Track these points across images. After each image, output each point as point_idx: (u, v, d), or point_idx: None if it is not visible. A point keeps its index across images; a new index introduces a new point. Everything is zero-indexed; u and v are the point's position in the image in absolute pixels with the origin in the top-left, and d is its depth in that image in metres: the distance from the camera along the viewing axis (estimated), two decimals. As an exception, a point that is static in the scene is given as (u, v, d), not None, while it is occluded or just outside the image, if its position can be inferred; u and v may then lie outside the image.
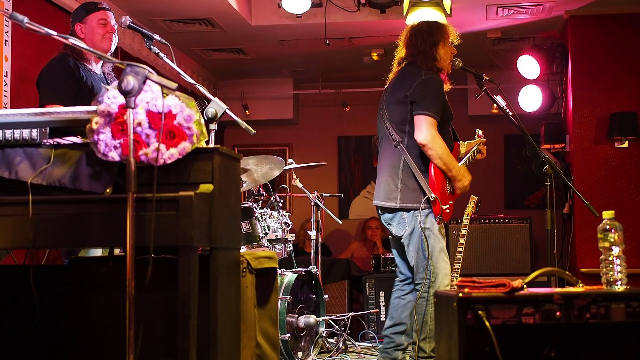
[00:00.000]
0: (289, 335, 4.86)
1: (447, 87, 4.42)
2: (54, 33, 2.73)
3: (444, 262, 4.27)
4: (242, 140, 9.38)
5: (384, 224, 4.45)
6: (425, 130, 4.19)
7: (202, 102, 4.28)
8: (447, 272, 4.29)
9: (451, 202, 4.35)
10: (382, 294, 6.70)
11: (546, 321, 2.75)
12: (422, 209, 4.21)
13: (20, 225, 2.70)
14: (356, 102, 9.23)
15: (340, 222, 6.60)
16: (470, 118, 8.90)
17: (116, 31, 4.21)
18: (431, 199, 4.18)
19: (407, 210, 4.26)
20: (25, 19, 2.64)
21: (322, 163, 6.25)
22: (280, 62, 8.59)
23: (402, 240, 4.34)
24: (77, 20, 4.20)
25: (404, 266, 4.49)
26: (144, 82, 2.52)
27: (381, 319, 6.59)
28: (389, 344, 4.44)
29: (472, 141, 4.77)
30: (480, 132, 4.80)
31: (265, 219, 5.15)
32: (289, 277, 5.07)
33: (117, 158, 2.72)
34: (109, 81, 4.25)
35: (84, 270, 3.36)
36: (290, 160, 5.90)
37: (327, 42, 6.90)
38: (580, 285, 2.96)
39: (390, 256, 6.78)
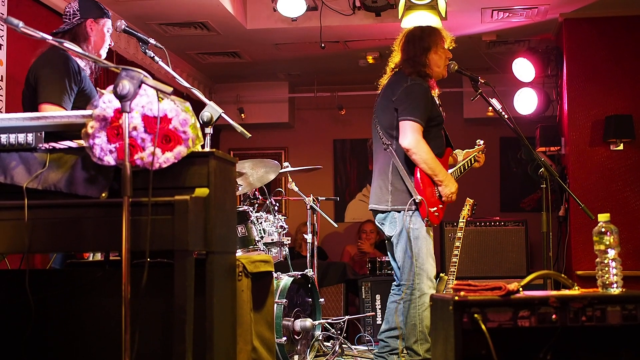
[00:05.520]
0: (285, 338, 4.86)
1: (435, 92, 4.46)
2: (49, 37, 2.72)
3: (430, 265, 4.30)
4: (237, 143, 9.37)
5: (378, 225, 4.50)
6: (409, 135, 4.25)
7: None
8: (432, 275, 4.32)
9: (440, 206, 4.38)
10: (378, 297, 6.71)
11: (542, 324, 2.75)
12: (407, 210, 4.25)
13: (16, 230, 2.70)
14: (352, 105, 9.23)
15: (336, 226, 6.60)
16: (466, 121, 8.91)
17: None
18: (417, 201, 4.24)
19: (398, 211, 4.33)
20: (21, 23, 2.63)
21: (318, 166, 6.25)
22: (275, 66, 8.58)
23: (392, 240, 4.38)
24: (92, 17, 3.93)
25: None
26: (140, 86, 2.52)
27: (377, 322, 6.59)
28: (384, 347, 4.45)
29: (470, 150, 4.82)
30: (481, 142, 4.85)
31: (261, 223, 5.14)
32: (284, 280, 5.06)
33: (112, 162, 2.71)
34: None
35: (79, 274, 3.35)
36: (285, 164, 5.90)
37: (323, 45, 6.90)
38: (576, 288, 2.96)
39: (386, 259, 6.79)
